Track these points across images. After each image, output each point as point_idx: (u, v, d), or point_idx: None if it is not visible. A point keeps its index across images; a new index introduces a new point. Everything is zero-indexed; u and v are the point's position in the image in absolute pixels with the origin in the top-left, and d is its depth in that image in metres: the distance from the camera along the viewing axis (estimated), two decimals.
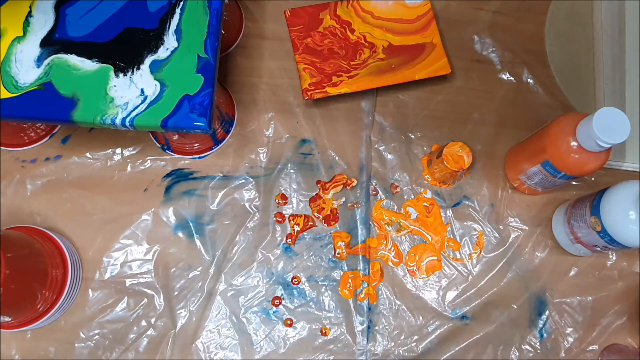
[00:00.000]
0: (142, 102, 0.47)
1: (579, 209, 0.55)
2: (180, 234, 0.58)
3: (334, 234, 0.59)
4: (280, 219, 0.59)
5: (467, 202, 0.60)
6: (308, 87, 0.59)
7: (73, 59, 0.48)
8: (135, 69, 0.48)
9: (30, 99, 0.46)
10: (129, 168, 0.59)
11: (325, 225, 0.59)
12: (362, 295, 0.57)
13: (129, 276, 0.56)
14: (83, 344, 0.54)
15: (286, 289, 0.57)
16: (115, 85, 0.47)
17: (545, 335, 0.58)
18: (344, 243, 0.58)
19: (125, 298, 0.56)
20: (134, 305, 0.55)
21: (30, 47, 0.48)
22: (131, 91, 0.47)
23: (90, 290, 0.56)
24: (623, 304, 0.58)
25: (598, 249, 0.54)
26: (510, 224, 0.60)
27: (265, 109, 0.62)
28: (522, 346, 0.57)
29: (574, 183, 0.62)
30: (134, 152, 0.59)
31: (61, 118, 0.46)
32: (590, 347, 0.58)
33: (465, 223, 0.60)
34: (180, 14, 0.49)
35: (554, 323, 0.58)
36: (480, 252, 0.59)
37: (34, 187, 0.58)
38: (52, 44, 0.48)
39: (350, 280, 0.58)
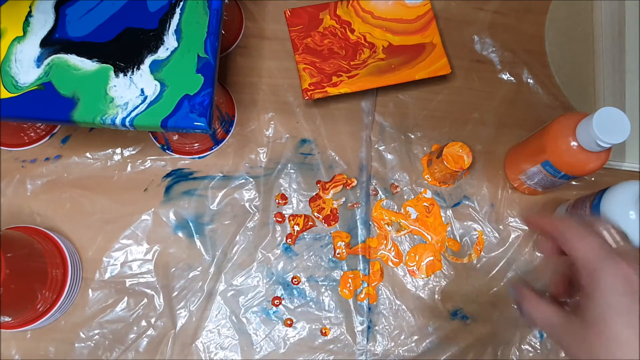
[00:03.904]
0: (142, 102, 0.47)
1: (579, 209, 0.55)
2: (180, 234, 0.58)
3: (334, 234, 0.59)
4: (280, 219, 0.59)
5: (467, 202, 0.60)
6: (308, 87, 0.59)
7: (73, 59, 0.48)
8: (135, 69, 0.48)
9: (30, 99, 0.46)
10: (129, 168, 0.59)
11: (325, 225, 0.59)
12: (362, 295, 0.57)
13: (129, 276, 0.56)
14: (83, 344, 0.54)
15: (286, 289, 0.57)
16: (115, 85, 0.47)
17: (545, 335, 0.58)
18: (344, 243, 0.58)
19: (125, 298, 0.56)
20: (134, 305, 0.55)
21: (30, 47, 0.48)
22: (131, 91, 0.47)
23: (90, 290, 0.56)
24: None
25: None
26: (510, 224, 0.60)
27: (265, 109, 0.62)
28: (522, 346, 0.57)
29: (574, 183, 0.62)
30: (134, 152, 0.59)
31: (61, 118, 0.46)
32: None
33: (465, 223, 0.60)
34: (180, 14, 0.49)
35: None
36: (480, 252, 0.59)
37: (34, 187, 0.58)
38: (52, 44, 0.48)
39: (350, 280, 0.58)
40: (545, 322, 0.38)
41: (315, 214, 0.59)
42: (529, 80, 0.65)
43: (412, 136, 0.62)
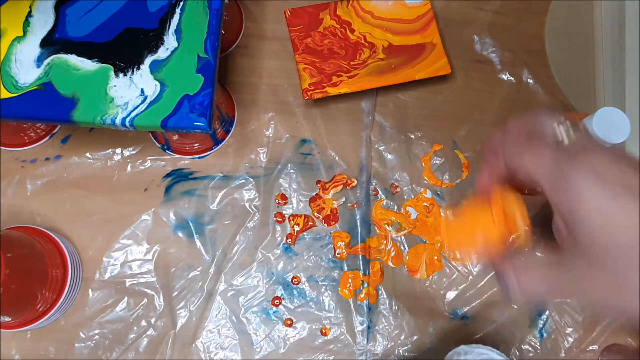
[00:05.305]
0: (142, 102, 0.47)
1: None
2: (180, 234, 0.58)
3: (334, 234, 0.59)
4: (280, 219, 0.59)
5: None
6: (308, 87, 0.59)
7: (73, 59, 0.48)
8: (135, 69, 0.48)
9: (30, 99, 0.46)
10: (129, 168, 0.59)
11: (325, 225, 0.59)
12: (362, 295, 0.57)
13: (129, 276, 0.56)
14: (83, 344, 0.54)
15: (286, 289, 0.57)
16: (115, 85, 0.47)
17: (545, 335, 0.58)
18: (344, 243, 0.58)
19: (125, 298, 0.56)
20: (134, 305, 0.55)
21: (30, 47, 0.48)
22: (131, 91, 0.47)
23: (90, 290, 0.56)
24: None
25: None
26: None
27: (265, 109, 0.62)
28: (522, 346, 0.57)
29: None
30: (134, 152, 0.59)
31: (61, 118, 0.46)
32: (590, 347, 0.58)
33: None
34: (180, 14, 0.49)
35: (554, 323, 0.58)
36: None
37: (34, 187, 0.58)
38: (52, 44, 0.48)
39: (350, 280, 0.58)
40: (541, 284, 0.29)
41: (315, 214, 0.59)
42: (529, 80, 0.65)
43: (412, 136, 0.62)
